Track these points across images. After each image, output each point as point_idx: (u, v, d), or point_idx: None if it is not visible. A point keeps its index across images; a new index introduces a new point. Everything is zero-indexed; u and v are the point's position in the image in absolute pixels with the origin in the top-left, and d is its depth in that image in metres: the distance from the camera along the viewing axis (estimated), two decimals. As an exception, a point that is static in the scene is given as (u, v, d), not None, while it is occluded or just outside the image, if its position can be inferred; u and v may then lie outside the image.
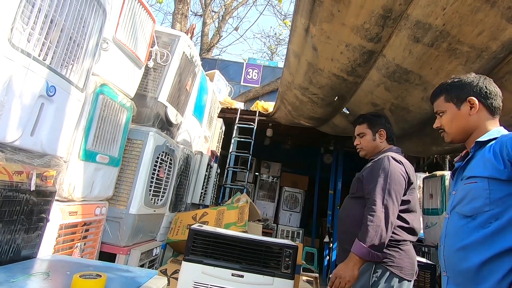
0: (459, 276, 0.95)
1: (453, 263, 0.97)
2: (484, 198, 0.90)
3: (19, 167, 1.16)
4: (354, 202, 1.56)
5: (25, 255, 1.23)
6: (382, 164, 1.47)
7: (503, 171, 0.88)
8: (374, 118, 1.69)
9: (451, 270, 0.98)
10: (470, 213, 0.94)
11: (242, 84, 7.46)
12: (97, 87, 1.64)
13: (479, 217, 0.91)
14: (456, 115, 1.07)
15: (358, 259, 1.35)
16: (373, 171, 1.49)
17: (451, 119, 1.08)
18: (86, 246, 1.71)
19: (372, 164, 1.55)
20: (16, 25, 1.06)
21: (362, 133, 1.68)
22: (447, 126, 1.09)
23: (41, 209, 1.28)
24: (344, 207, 1.65)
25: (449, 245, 0.99)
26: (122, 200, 2.04)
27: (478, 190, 0.93)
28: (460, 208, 0.98)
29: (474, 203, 0.93)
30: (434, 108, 1.15)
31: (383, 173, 1.44)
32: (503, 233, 0.87)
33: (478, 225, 0.91)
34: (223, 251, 1.75)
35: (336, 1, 1.56)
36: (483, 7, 1.28)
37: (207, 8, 8.94)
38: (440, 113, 1.11)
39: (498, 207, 0.88)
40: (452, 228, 0.99)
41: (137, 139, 2.13)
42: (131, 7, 1.83)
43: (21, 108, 1.15)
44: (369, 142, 1.66)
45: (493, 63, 1.53)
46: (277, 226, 5.63)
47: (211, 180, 3.63)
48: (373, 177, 1.46)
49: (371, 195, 1.42)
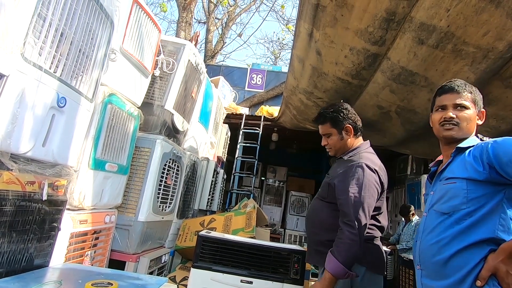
0: (432, 268, 1.02)
1: (427, 256, 1.03)
2: (462, 197, 0.98)
3: (32, 178, 1.18)
4: (324, 206, 1.49)
5: (38, 264, 1.25)
6: (356, 173, 1.38)
7: (481, 173, 0.97)
8: (336, 114, 1.53)
9: (425, 263, 1.05)
10: (447, 210, 1.01)
11: (247, 90, 7.51)
12: (105, 97, 1.67)
13: (455, 214, 0.99)
14: (474, 118, 1.14)
15: (333, 278, 1.29)
16: (346, 180, 1.39)
17: (471, 118, 1.13)
18: (96, 254, 1.73)
19: (344, 170, 1.44)
20: (28, 40, 1.09)
21: (328, 133, 1.56)
22: (464, 122, 1.13)
23: (53, 218, 1.30)
24: (314, 208, 1.57)
25: (425, 240, 1.06)
26: (131, 207, 2.06)
27: (456, 189, 1.00)
28: (438, 206, 1.05)
29: (452, 202, 1.00)
30: (450, 99, 1.15)
31: (357, 185, 1.36)
32: (474, 228, 0.95)
33: (454, 221, 0.99)
34: (232, 257, 1.75)
35: (339, 5, 1.57)
36: (487, 7, 1.27)
37: (211, 15, 9.06)
38: (461, 107, 1.13)
39: (473, 206, 0.96)
40: (429, 225, 1.06)
41: (145, 147, 2.15)
42: (138, 18, 1.88)
43: (33, 120, 1.18)
44: (337, 141, 1.54)
45: (500, 63, 1.52)
46: (285, 230, 5.60)
47: (217, 186, 3.64)
48: (346, 188, 1.37)
49: (344, 207, 1.36)
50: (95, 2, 1.39)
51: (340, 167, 1.49)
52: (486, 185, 0.97)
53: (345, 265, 1.27)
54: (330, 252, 1.33)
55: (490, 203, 0.96)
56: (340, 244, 1.31)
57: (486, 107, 1.88)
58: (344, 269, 1.27)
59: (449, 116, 1.13)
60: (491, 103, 1.86)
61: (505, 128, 2.02)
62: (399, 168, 5.04)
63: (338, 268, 1.28)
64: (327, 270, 1.31)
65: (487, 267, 0.91)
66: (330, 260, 1.31)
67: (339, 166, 1.51)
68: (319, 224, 1.49)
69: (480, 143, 1.04)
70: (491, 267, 0.90)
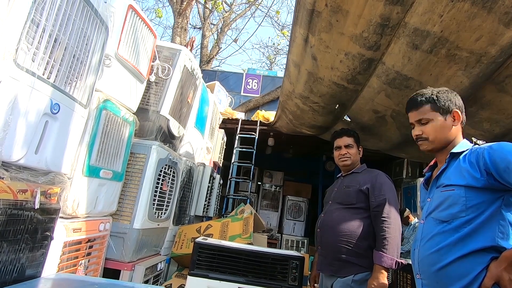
0: (433, 278, 1.01)
1: (427, 265, 1.02)
2: (461, 205, 0.98)
3: (24, 186, 1.16)
4: (353, 213, 1.65)
5: (29, 275, 1.21)
6: (383, 179, 1.68)
7: (479, 179, 0.96)
8: (358, 135, 1.89)
9: (425, 273, 1.03)
10: (447, 218, 1.01)
11: (242, 94, 7.51)
12: (100, 103, 1.65)
13: (454, 222, 0.99)
14: (443, 125, 1.12)
15: (385, 269, 1.47)
16: (377, 184, 1.65)
17: (436, 129, 1.12)
18: (90, 263, 1.69)
19: (369, 177, 1.70)
20: (21, 46, 1.08)
21: (350, 144, 1.83)
22: (431, 135, 1.13)
23: (46, 227, 1.27)
24: (338, 217, 1.69)
25: (423, 248, 1.05)
26: (126, 215, 2.03)
27: (455, 197, 1.00)
28: (436, 214, 1.04)
29: (451, 210, 1.00)
30: (413, 116, 1.18)
31: (388, 188, 1.64)
32: (474, 235, 0.95)
33: (453, 229, 0.99)
34: (229, 264, 1.72)
35: (334, 11, 1.58)
36: (479, 13, 1.29)
37: (206, 21, 9.10)
38: (424, 121, 1.15)
39: (472, 213, 0.96)
40: (428, 233, 1.05)
41: (140, 153, 2.13)
42: (133, 23, 1.87)
43: (26, 127, 1.16)
44: (355, 154, 1.83)
45: (492, 67, 1.54)
46: (282, 236, 5.56)
47: (214, 192, 3.61)
48: (381, 191, 1.62)
49: (382, 207, 1.57)
50: (89, 7, 1.38)
51: (360, 177, 1.78)
52: (484, 192, 0.96)
53: (393, 256, 1.48)
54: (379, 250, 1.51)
55: (488, 209, 0.95)
56: (385, 239, 1.51)
57: (480, 110, 1.92)
58: (393, 259, 1.47)
59: (415, 134, 1.16)
60: (485, 107, 1.88)
61: (499, 132, 2.04)
62: (394, 171, 5.07)
63: (388, 260, 1.47)
64: (377, 264, 1.48)
65: (490, 275, 0.90)
66: (378, 255, 1.49)
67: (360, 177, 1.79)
68: (350, 233, 1.63)
69: (475, 148, 1.04)
70: (494, 275, 0.89)
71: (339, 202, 1.73)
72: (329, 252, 1.67)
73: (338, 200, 1.75)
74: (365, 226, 1.60)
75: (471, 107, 1.89)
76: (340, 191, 1.78)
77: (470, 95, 1.77)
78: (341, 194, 1.75)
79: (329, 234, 1.67)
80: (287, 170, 6.40)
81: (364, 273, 1.54)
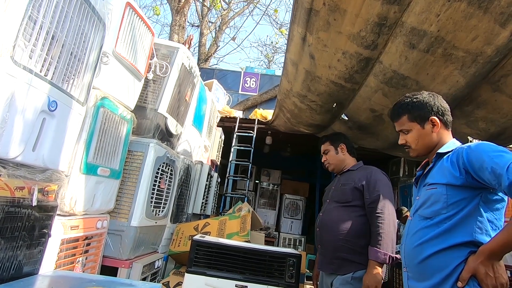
0: (416, 270, 1.06)
1: (411, 258, 1.08)
2: (443, 202, 1.03)
3: (21, 183, 1.16)
4: (350, 211, 1.67)
5: (27, 272, 1.21)
6: (378, 175, 1.70)
7: (458, 178, 1.01)
8: (334, 136, 1.97)
9: (410, 265, 1.09)
10: (430, 215, 1.06)
11: (240, 93, 7.51)
12: (97, 100, 1.65)
13: (436, 218, 1.04)
14: (421, 134, 1.17)
15: (379, 264, 1.50)
16: (372, 181, 1.67)
17: (416, 138, 1.18)
18: (87, 260, 1.69)
19: (364, 174, 1.73)
20: (18, 43, 1.07)
21: (326, 149, 1.91)
22: (413, 143, 1.20)
23: (43, 225, 1.27)
24: (335, 216, 1.71)
25: (409, 243, 1.10)
26: (124, 212, 2.03)
27: (437, 195, 1.05)
28: (421, 211, 1.10)
29: (434, 207, 1.05)
30: (396, 126, 1.25)
31: (382, 184, 1.65)
32: (454, 230, 1.01)
33: (434, 224, 1.04)
34: (226, 261, 1.73)
35: (332, 10, 1.59)
36: (476, 13, 1.30)
37: (204, 19, 9.07)
38: (405, 131, 1.21)
39: (453, 210, 1.02)
40: (413, 229, 1.11)
41: (138, 151, 2.13)
42: (131, 21, 1.86)
43: (23, 124, 1.15)
44: (333, 156, 1.88)
45: (488, 67, 1.55)
46: (279, 234, 5.58)
47: (211, 190, 3.61)
48: (376, 187, 1.64)
49: (376, 203, 1.59)
50: (87, 4, 1.38)
51: (355, 174, 1.81)
52: (464, 189, 1.01)
53: (386, 251, 1.51)
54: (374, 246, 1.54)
55: (468, 206, 1.00)
56: (379, 235, 1.54)
57: (476, 110, 1.93)
58: (386, 255, 1.50)
59: (400, 143, 1.23)
60: (481, 106, 1.89)
61: (494, 131, 2.06)
62: (391, 170, 5.10)
63: (382, 255, 1.50)
64: (371, 259, 1.51)
65: (468, 268, 0.95)
66: (373, 251, 1.52)
67: (355, 175, 1.82)
68: (348, 230, 1.65)
69: (458, 147, 1.09)
70: (471, 268, 0.94)
71: (336, 201, 1.76)
72: (328, 251, 1.69)
73: (335, 199, 1.77)
74: (362, 223, 1.62)
75: (467, 106, 1.91)
76: (337, 190, 1.80)
77: (466, 94, 1.78)
78: (338, 193, 1.77)
79: (328, 233, 1.70)
80: (284, 168, 6.41)
81: (363, 270, 1.57)
